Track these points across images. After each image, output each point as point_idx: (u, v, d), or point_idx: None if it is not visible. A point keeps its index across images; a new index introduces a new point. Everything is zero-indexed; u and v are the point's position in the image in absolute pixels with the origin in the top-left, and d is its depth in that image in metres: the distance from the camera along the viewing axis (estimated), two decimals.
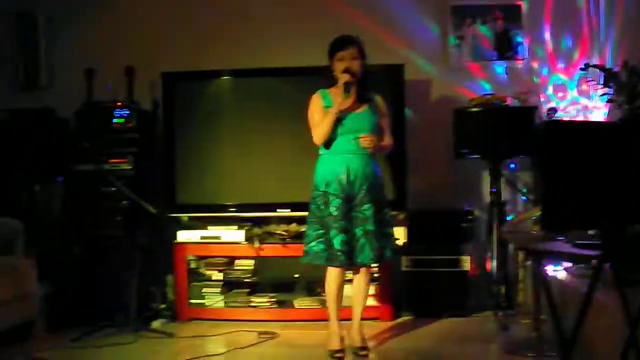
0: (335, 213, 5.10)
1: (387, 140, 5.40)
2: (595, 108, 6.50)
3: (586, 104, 6.59)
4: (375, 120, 5.28)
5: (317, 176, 5.26)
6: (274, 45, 6.84)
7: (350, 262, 5.13)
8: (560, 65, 6.71)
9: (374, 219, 5.13)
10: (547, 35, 6.76)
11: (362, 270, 5.30)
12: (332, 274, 5.21)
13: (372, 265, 5.38)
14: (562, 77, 6.70)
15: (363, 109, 5.26)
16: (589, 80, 6.29)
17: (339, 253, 5.07)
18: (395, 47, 6.76)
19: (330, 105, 5.19)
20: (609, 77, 5.56)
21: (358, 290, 5.36)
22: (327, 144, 5.21)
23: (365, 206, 5.13)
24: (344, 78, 5.12)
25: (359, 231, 5.12)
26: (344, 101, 5.14)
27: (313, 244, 5.19)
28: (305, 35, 6.71)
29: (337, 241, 5.06)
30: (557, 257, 4.43)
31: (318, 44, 5.34)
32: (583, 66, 5.98)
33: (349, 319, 5.33)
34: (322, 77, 5.31)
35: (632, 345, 3.41)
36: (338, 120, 5.15)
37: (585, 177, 2.92)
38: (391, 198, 6.09)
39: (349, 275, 5.41)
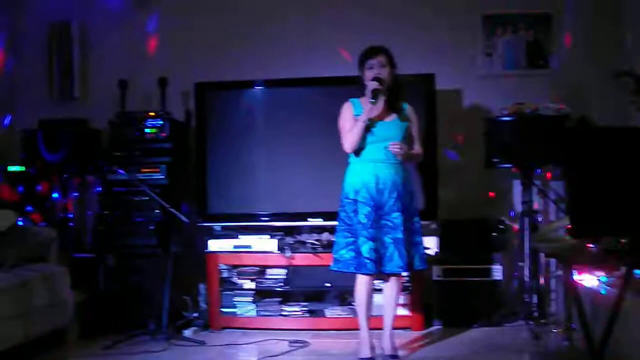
0: (364, 221, 5.11)
1: (417, 149, 5.41)
2: (628, 117, 6.45)
3: (618, 112, 6.54)
4: (405, 129, 5.29)
5: (346, 184, 5.27)
6: (307, 55, 6.88)
7: (379, 270, 5.14)
8: (593, 73, 6.66)
9: (403, 227, 5.13)
10: (578, 44, 6.74)
11: (392, 278, 5.30)
12: (362, 282, 5.21)
13: (402, 274, 5.36)
14: (595, 85, 6.65)
15: (393, 117, 5.27)
16: (622, 89, 6.23)
17: (367, 261, 5.07)
18: (426, 57, 6.76)
19: (360, 113, 5.21)
20: None
21: (389, 299, 5.36)
22: (357, 152, 5.22)
23: (395, 214, 5.13)
24: (372, 85, 5.14)
25: (387, 239, 5.12)
26: (373, 109, 5.16)
27: (343, 251, 5.21)
28: (337, 45, 6.74)
29: (366, 249, 5.07)
30: (586, 265, 4.41)
31: (350, 54, 5.36)
32: (615, 74, 5.94)
33: (380, 328, 5.33)
34: (355, 87, 5.34)
35: None
36: (368, 129, 5.16)
37: (613, 183, 2.92)
38: (422, 207, 6.10)
39: (381, 285, 5.42)
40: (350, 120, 5.24)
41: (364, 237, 5.09)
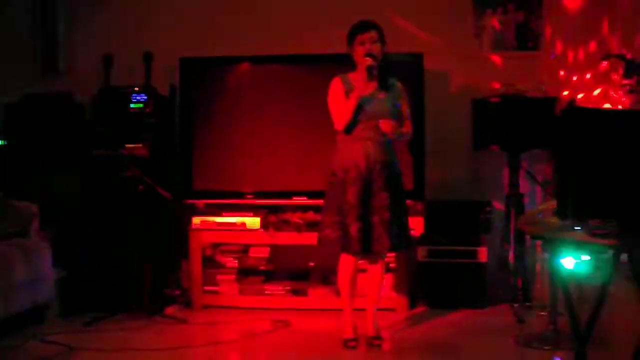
0: (352, 201, 5.06)
1: (407, 127, 5.35)
2: (618, 100, 6.40)
3: (608, 95, 6.50)
4: (397, 107, 5.22)
5: (335, 162, 5.20)
6: (292, 32, 6.78)
7: (366, 251, 5.10)
8: (582, 56, 6.62)
9: (391, 208, 5.08)
10: (569, 26, 6.68)
11: (378, 259, 5.25)
12: (346, 262, 5.17)
13: (388, 254, 5.31)
14: (584, 68, 6.60)
15: (384, 94, 5.20)
16: (611, 71, 6.19)
17: (355, 241, 5.03)
18: (415, 37, 6.71)
19: (350, 89, 5.14)
20: (631, 68, 5.48)
21: (373, 280, 5.32)
22: (348, 129, 5.15)
23: (384, 194, 5.08)
24: (366, 62, 5.07)
25: (376, 219, 5.07)
26: (367, 86, 5.10)
27: (329, 230, 5.15)
28: (325, 22, 6.67)
29: (354, 229, 5.02)
30: (572, 247, 4.38)
31: (337, 31, 5.30)
32: (605, 56, 5.91)
33: (364, 309, 5.29)
34: (341, 64, 5.25)
35: None
36: (359, 106, 5.09)
37: (603, 165, 2.87)
38: (409, 188, 6.07)
39: (366, 265, 5.38)
40: (341, 97, 5.17)
41: (353, 216, 5.04)
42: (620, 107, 5.89)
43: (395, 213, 5.12)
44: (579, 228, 3.51)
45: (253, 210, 6.43)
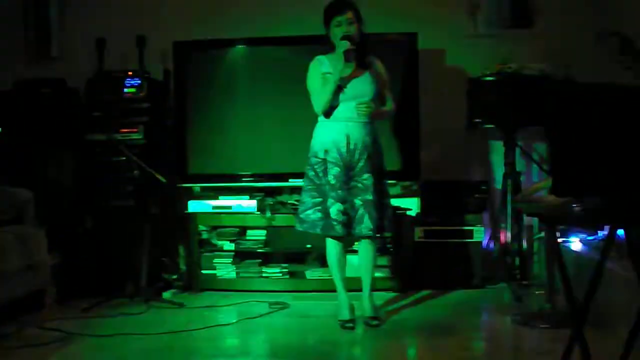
0: (333, 182, 5.05)
1: (389, 104, 5.32)
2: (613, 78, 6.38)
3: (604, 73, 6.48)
4: (377, 86, 5.19)
5: (315, 142, 5.19)
6: (288, 14, 6.76)
7: (347, 233, 5.09)
8: (579, 34, 6.58)
9: (373, 189, 5.06)
10: (564, 3, 6.64)
11: (365, 240, 5.23)
12: (331, 244, 5.19)
13: (371, 236, 5.23)
14: (579, 45, 6.57)
15: (363, 74, 5.16)
16: (606, 48, 6.15)
17: (335, 223, 5.02)
18: (409, 16, 6.65)
19: (329, 71, 5.10)
20: (626, 45, 5.46)
21: (364, 260, 5.30)
22: (327, 113, 5.13)
23: (365, 175, 5.07)
24: (343, 46, 5.03)
25: (358, 201, 5.06)
26: (346, 67, 5.06)
27: (310, 212, 5.15)
28: (320, 3, 6.62)
29: (334, 210, 5.02)
30: (568, 223, 4.37)
31: None
32: (599, 34, 5.88)
33: (360, 290, 5.29)
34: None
35: None
36: (339, 88, 5.06)
37: (599, 140, 2.85)
38: (404, 168, 6.07)
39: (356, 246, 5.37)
40: (319, 80, 5.15)
41: (333, 198, 5.04)
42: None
43: (378, 194, 5.11)
44: (575, 205, 3.50)
45: (249, 192, 6.42)
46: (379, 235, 5.27)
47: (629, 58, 5.51)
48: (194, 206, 6.38)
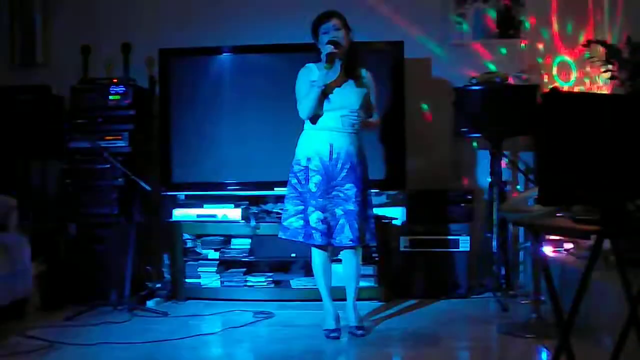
0: (314, 189, 5.04)
1: (375, 117, 5.31)
2: (599, 89, 6.40)
3: (590, 84, 6.50)
4: (363, 96, 5.17)
5: (299, 150, 5.18)
6: (273, 22, 6.74)
7: (328, 242, 5.07)
8: (564, 45, 6.60)
9: (355, 200, 5.05)
10: (551, 14, 6.66)
11: (348, 250, 5.19)
12: (316, 253, 5.18)
13: (352, 246, 5.17)
14: (566, 57, 6.59)
15: (351, 84, 5.16)
16: (592, 57, 6.15)
17: (314, 231, 5.01)
18: (395, 25, 6.66)
19: (316, 79, 5.10)
20: (612, 54, 5.48)
21: (348, 269, 5.26)
22: (314, 119, 5.12)
23: (348, 185, 5.05)
24: (327, 49, 5.03)
25: (339, 211, 5.05)
26: (329, 74, 5.05)
27: (292, 219, 5.14)
28: (305, 11, 6.61)
29: (313, 218, 5.01)
30: (555, 233, 4.37)
31: None
32: (586, 43, 5.90)
33: (345, 299, 5.27)
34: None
35: (632, 324, 3.34)
36: (325, 96, 5.05)
37: (585, 150, 2.85)
38: (390, 177, 6.06)
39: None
40: (306, 86, 5.13)
41: (313, 206, 5.02)
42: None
43: (360, 205, 5.09)
44: (561, 215, 3.50)
45: (234, 201, 6.39)
46: (359, 245, 5.24)
47: (615, 67, 5.53)
48: (178, 214, 6.34)
